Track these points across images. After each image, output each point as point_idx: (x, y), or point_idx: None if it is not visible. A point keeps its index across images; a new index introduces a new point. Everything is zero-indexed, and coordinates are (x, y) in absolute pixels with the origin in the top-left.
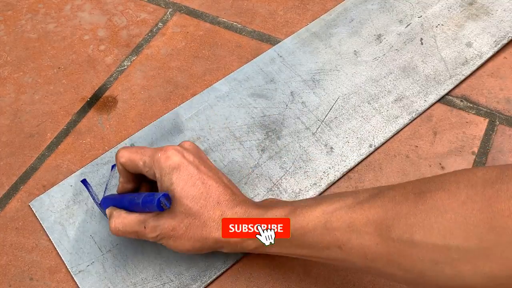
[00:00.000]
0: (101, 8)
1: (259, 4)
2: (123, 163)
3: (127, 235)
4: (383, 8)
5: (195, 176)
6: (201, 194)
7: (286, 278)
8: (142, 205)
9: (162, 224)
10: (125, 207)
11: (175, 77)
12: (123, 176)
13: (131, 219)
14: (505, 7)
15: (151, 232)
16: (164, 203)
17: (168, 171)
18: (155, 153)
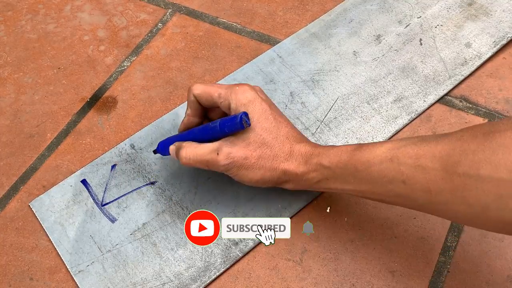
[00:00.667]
0: (101, 9)
1: (259, 5)
2: (198, 94)
3: (198, 164)
4: (383, 9)
5: (268, 112)
6: (273, 127)
7: (285, 278)
8: (221, 126)
9: (236, 151)
10: (193, 140)
11: (175, 78)
12: (193, 109)
13: (204, 147)
14: (504, 8)
15: (224, 159)
16: (245, 120)
17: (244, 102)
18: (232, 86)
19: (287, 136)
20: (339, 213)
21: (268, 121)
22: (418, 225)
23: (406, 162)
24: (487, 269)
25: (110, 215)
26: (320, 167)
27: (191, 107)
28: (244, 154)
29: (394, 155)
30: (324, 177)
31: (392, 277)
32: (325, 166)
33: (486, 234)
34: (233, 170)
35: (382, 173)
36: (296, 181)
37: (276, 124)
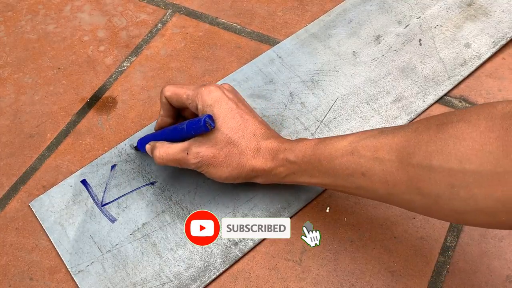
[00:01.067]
0: (100, 9)
1: (258, 5)
2: (168, 96)
3: (170, 163)
4: (382, 9)
5: (234, 110)
6: (240, 126)
7: (284, 278)
8: (187, 129)
9: (204, 151)
10: (165, 139)
11: (175, 78)
12: (165, 110)
13: (175, 147)
14: (503, 8)
15: (193, 158)
16: (209, 122)
17: (210, 103)
18: (198, 88)
19: (254, 133)
20: (338, 213)
21: (234, 120)
22: (417, 225)
23: (365, 154)
24: (486, 269)
25: (110, 215)
26: (286, 162)
27: (163, 108)
28: (211, 153)
29: (355, 148)
30: (291, 171)
31: (391, 277)
32: (291, 161)
33: (485, 235)
34: (202, 168)
35: (343, 166)
36: (264, 176)
37: (242, 122)
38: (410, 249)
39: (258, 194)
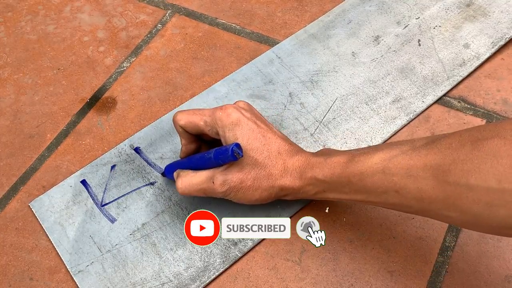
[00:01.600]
0: (100, 10)
1: (258, 6)
2: (183, 125)
3: (195, 193)
4: (381, 10)
5: (255, 130)
6: (264, 146)
7: (284, 278)
8: (215, 158)
9: (231, 178)
10: (191, 167)
11: (174, 78)
12: (185, 138)
13: (199, 176)
14: (502, 9)
15: (220, 187)
16: (237, 152)
17: (231, 127)
18: (215, 112)
19: (279, 152)
20: (338, 214)
21: (257, 140)
22: (416, 226)
23: (398, 172)
24: (485, 269)
25: (110, 216)
26: (315, 180)
27: (182, 137)
28: (238, 179)
29: (386, 166)
30: (320, 189)
31: (390, 277)
32: (319, 179)
33: (484, 235)
34: (231, 195)
35: (375, 184)
36: (293, 194)
37: (265, 141)
38: (409, 249)
39: None
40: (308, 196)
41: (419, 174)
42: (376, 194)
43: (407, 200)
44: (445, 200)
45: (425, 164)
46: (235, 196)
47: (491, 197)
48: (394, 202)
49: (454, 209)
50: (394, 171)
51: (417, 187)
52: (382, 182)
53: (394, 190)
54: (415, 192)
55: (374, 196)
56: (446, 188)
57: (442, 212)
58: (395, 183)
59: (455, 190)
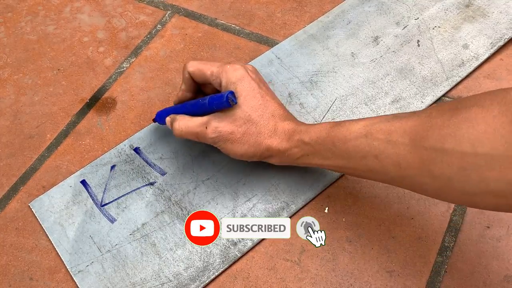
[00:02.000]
0: (100, 10)
1: (257, 6)
2: (192, 72)
3: (189, 136)
4: (380, 10)
5: (256, 90)
6: (260, 105)
7: (283, 278)
8: (209, 103)
9: (223, 126)
10: (185, 113)
11: (174, 79)
12: (187, 85)
13: (194, 121)
14: (501, 9)
15: (212, 133)
16: (231, 98)
17: (233, 80)
18: (223, 65)
19: (272, 114)
20: (337, 214)
21: (255, 99)
22: (415, 226)
23: (379, 137)
24: (484, 269)
25: (110, 216)
26: (301, 143)
27: (185, 83)
28: (230, 129)
29: (368, 131)
30: (305, 153)
31: (389, 277)
32: (305, 142)
33: (483, 235)
34: (219, 143)
35: (357, 148)
36: (278, 156)
37: (263, 102)
38: (408, 249)
39: (257, 194)
40: (292, 161)
41: (398, 139)
42: (356, 159)
43: (385, 166)
44: (420, 165)
45: (404, 129)
46: (223, 145)
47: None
48: (372, 167)
49: (428, 174)
50: (375, 136)
51: (396, 152)
52: (363, 146)
53: (373, 155)
54: (393, 157)
55: (354, 161)
56: (423, 153)
57: (417, 178)
58: (375, 147)
59: (431, 154)
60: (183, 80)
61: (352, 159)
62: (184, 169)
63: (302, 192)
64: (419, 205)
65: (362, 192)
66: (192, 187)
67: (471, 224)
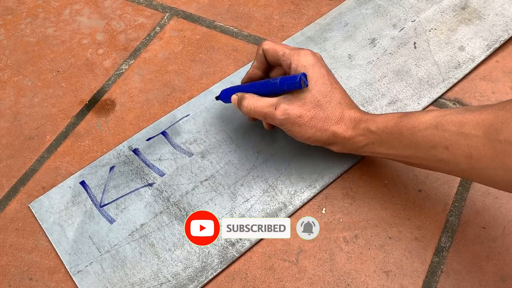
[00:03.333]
0: (99, 13)
1: (255, 9)
2: (266, 49)
3: (257, 115)
4: (377, 13)
5: (325, 77)
6: (329, 92)
7: (281, 278)
8: (280, 83)
9: (292, 109)
10: (253, 92)
11: (172, 81)
12: (259, 62)
13: (264, 101)
14: (497, 12)
15: (281, 115)
16: (303, 80)
17: (305, 64)
18: (297, 49)
19: (339, 102)
20: (334, 214)
21: (324, 85)
22: (412, 226)
23: (450, 129)
24: (480, 269)
25: (109, 216)
26: (367, 131)
27: (257, 60)
28: (299, 112)
29: (439, 122)
30: (370, 141)
31: (386, 277)
32: (372, 131)
33: (479, 235)
34: (287, 125)
35: (426, 139)
36: (343, 143)
37: (331, 89)
38: (405, 249)
39: (255, 195)
40: (357, 149)
41: (471, 132)
42: (425, 149)
43: (455, 157)
44: (493, 157)
45: (477, 122)
46: (291, 128)
47: None
48: (442, 158)
49: (501, 166)
50: (446, 127)
51: (467, 144)
52: (433, 137)
53: (444, 146)
54: (465, 149)
55: (422, 151)
56: (496, 146)
57: (488, 171)
58: (446, 138)
59: (505, 147)
60: (256, 58)
61: (421, 149)
62: (183, 170)
63: (299, 193)
64: (415, 206)
65: (359, 193)
66: (191, 188)
67: (467, 225)
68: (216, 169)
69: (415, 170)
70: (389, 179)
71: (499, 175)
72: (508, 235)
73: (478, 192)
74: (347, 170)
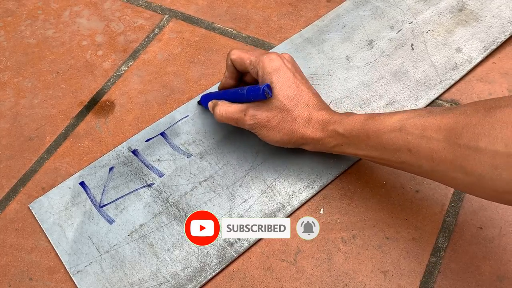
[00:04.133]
0: (99, 14)
1: (254, 11)
2: (234, 59)
3: (229, 121)
4: (375, 15)
5: (291, 80)
6: (295, 95)
7: (279, 278)
8: (247, 94)
9: (260, 114)
10: (225, 99)
11: (171, 82)
12: (229, 72)
13: (234, 107)
14: (494, 14)
15: (250, 120)
16: (267, 91)
17: (269, 71)
18: (260, 55)
19: (307, 104)
20: (332, 215)
21: (290, 89)
22: (409, 227)
23: (413, 132)
24: (477, 269)
25: (108, 217)
26: (335, 133)
27: (228, 70)
28: (266, 117)
29: (403, 125)
30: (338, 142)
31: (384, 277)
32: (339, 133)
33: (476, 236)
34: (257, 129)
35: (390, 141)
36: (313, 144)
37: (298, 92)
38: (402, 249)
39: (253, 196)
40: (327, 149)
41: (432, 135)
42: (390, 152)
43: (418, 159)
44: (453, 161)
45: (439, 126)
46: (260, 132)
47: (497, 160)
48: (405, 160)
49: (460, 170)
50: (409, 130)
51: (429, 147)
52: (397, 139)
53: (407, 149)
54: (427, 152)
55: (388, 153)
56: (456, 150)
57: (449, 173)
58: (409, 141)
59: (464, 152)
60: (226, 67)
61: (386, 151)
62: (182, 171)
63: (297, 193)
64: (412, 207)
65: (356, 193)
66: (189, 189)
67: (464, 225)
68: (214, 170)
69: None
70: (386, 179)
71: (459, 178)
72: (504, 236)
73: None
74: (345, 171)
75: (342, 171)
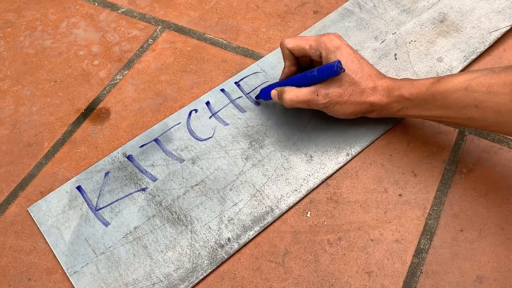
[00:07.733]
0: (95, 26)
1: (243, 22)
2: (292, 48)
3: (300, 104)
4: (360, 26)
5: (352, 55)
6: (358, 68)
7: (268, 279)
8: (318, 74)
9: (332, 91)
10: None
11: (165, 90)
12: (289, 60)
13: (304, 91)
14: (473, 25)
15: (323, 99)
16: (340, 67)
17: (333, 49)
18: (319, 38)
19: (369, 75)
20: (318, 218)
21: (354, 63)
22: (393, 229)
23: (480, 90)
24: (457, 270)
25: (104, 219)
26: (401, 98)
27: (288, 59)
28: (338, 93)
29: (469, 84)
30: (404, 106)
31: (368, 277)
32: (405, 97)
33: (457, 238)
34: (330, 107)
35: (457, 100)
36: (379, 110)
37: (360, 65)
38: (386, 251)
39: (243, 199)
40: (392, 113)
41: (499, 90)
42: (456, 109)
43: (485, 114)
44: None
45: (505, 82)
46: (333, 108)
47: None
48: (472, 116)
49: None
50: (475, 88)
51: (496, 101)
52: (464, 98)
53: (474, 105)
54: (493, 106)
55: (453, 111)
56: None
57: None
58: (475, 98)
59: None
60: (284, 57)
61: (452, 110)
62: (174, 176)
63: (285, 197)
64: (396, 210)
65: (342, 197)
66: (182, 193)
67: (446, 228)
68: (206, 174)
69: (395, 175)
70: (371, 184)
71: None
72: (484, 238)
73: (455, 196)
74: (331, 175)
75: (329, 175)
